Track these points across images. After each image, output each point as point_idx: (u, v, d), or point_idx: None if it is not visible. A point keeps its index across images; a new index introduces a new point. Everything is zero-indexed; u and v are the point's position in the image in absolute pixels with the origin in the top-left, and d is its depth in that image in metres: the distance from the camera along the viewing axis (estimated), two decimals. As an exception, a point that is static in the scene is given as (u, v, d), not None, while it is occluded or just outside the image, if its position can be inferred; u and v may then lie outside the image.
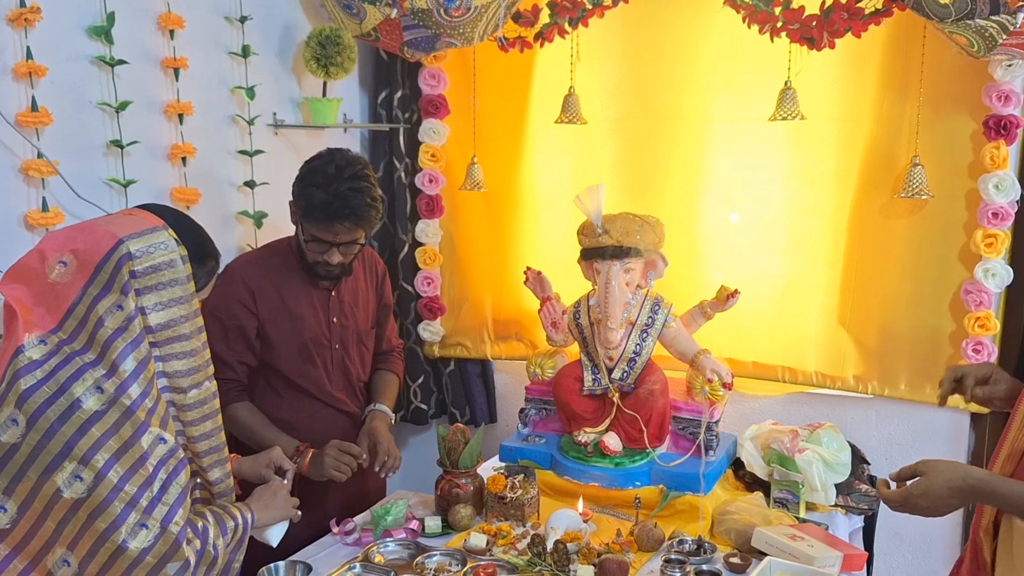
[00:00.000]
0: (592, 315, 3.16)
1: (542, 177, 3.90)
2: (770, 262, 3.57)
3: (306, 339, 3.05)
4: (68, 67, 2.76)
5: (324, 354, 3.11)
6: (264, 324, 3.01)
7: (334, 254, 2.93)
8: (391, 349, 3.41)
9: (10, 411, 1.93)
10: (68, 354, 1.96)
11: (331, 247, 2.92)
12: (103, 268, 1.96)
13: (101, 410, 1.92)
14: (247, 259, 3.16)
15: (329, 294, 3.10)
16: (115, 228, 2.00)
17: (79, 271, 1.98)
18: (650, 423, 3.08)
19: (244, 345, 3.00)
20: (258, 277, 3.02)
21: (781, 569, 2.54)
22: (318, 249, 2.94)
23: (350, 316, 3.15)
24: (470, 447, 2.96)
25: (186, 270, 2.03)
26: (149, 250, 1.99)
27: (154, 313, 2.00)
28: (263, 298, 3.00)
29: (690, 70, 3.55)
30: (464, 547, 2.73)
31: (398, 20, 3.42)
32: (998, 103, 3.09)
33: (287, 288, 3.03)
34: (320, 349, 3.09)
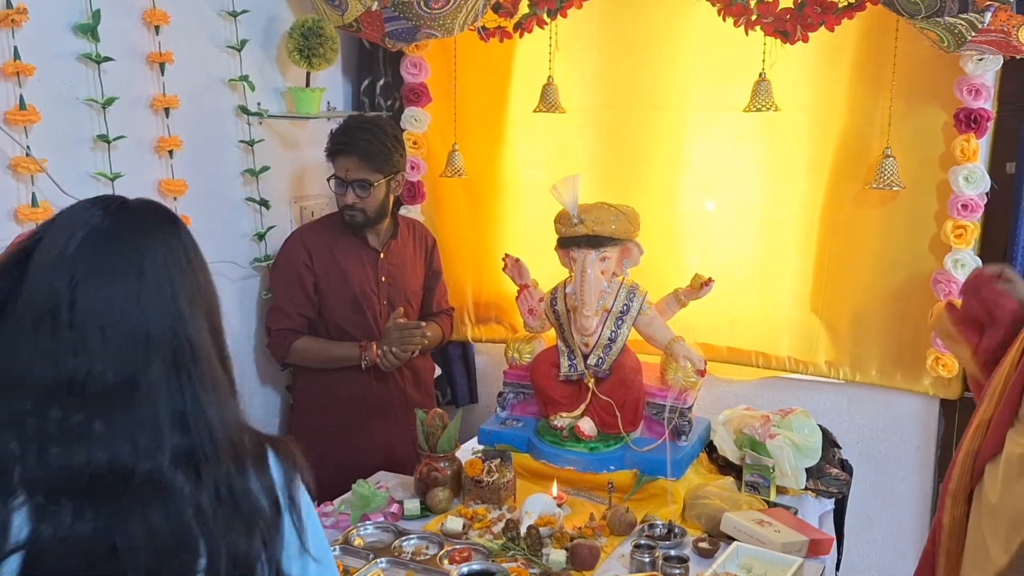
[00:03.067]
0: (568, 302, 3.22)
1: (521, 165, 3.97)
2: (744, 250, 3.64)
3: (355, 292, 3.46)
4: (55, 65, 2.81)
5: (372, 307, 3.50)
6: (319, 279, 3.43)
7: (349, 194, 3.33)
8: (440, 311, 3.78)
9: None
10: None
11: (347, 186, 3.32)
12: None
13: None
14: (308, 225, 3.65)
15: (378, 255, 3.51)
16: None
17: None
18: (624, 408, 3.14)
19: (304, 297, 3.46)
20: (314, 238, 3.48)
21: (748, 554, 2.62)
22: (339, 191, 3.37)
23: (398, 277, 3.55)
24: (448, 431, 3.03)
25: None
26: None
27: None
28: (318, 255, 3.44)
29: (667, 61, 3.60)
30: (441, 530, 2.80)
31: (379, 12, 3.47)
32: (969, 96, 3.15)
33: (339, 247, 3.45)
34: (368, 302, 3.49)
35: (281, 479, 1.45)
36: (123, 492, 1.29)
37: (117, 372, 1.31)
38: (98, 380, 1.30)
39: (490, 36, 3.66)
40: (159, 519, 1.30)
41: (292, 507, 1.44)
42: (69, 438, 1.28)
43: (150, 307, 1.35)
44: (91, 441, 1.29)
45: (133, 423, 1.31)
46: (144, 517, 1.29)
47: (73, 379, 1.30)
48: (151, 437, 1.31)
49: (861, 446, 3.60)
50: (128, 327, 1.33)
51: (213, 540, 1.34)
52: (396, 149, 3.39)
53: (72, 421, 1.29)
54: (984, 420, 2.08)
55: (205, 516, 1.33)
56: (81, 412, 1.29)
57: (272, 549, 1.40)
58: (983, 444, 2.08)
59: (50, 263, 1.34)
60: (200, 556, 1.33)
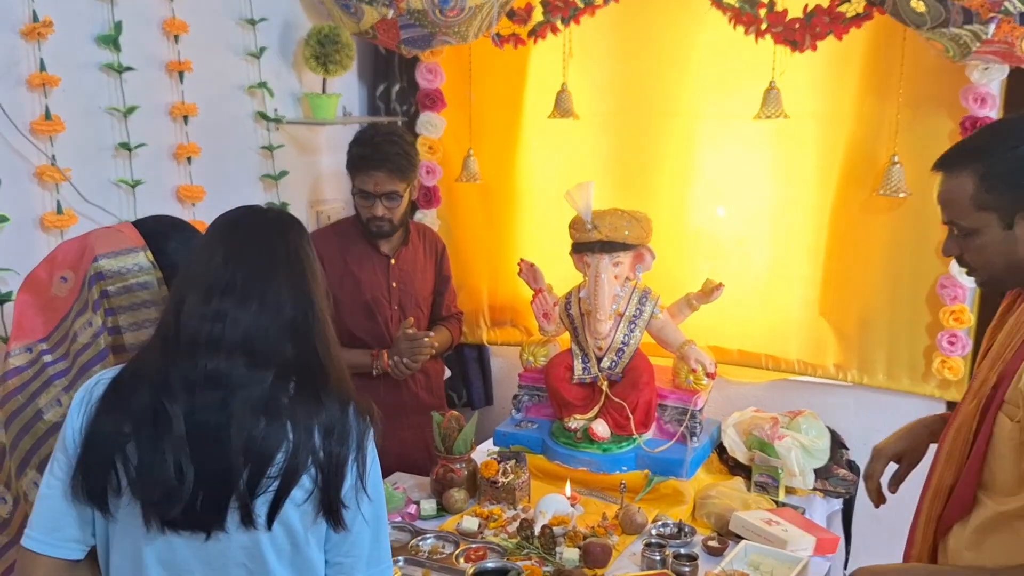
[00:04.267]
0: (582, 306, 3.28)
1: (536, 170, 4.02)
2: (754, 255, 3.69)
3: (367, 298, 3.46)
4: (78, 75, 2.88)
5: (384, 312, 3.50)
6: (331, 285, 3.36)
7: (378, 206, 3.33)
8: (450, 315, 3.76)
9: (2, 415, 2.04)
10: (44, 364, 2.03)
11: (375, 199, 3.32)
12: (84, 285, 2.03)
13: (59, 422, 1.93)
14: (319, 231, 3.63)
15: (389, 261, 3.50)
16: (98, 244, 2.06)
17: (73, 289, 2.05)
18: (636, 410, 3.20)
19: None
20: (326, 245, 3.37)
21: (756, 552, 2.68)
22: (365, 203, 3.36)
23: (408, 282, 3.54)
24: (464, 434, 3.08)
25: (161, 292, 2.07)
26: (121, 271, 2.04)
27: (128, 332, 2.05)
28: (330, 262, 3.37)
29: (678, 68, 3.66)
30: (457, 530, 2.85)
31: (395, 20, 3.53)
32: (975, 105, 3.19)
33: (350, 254, 3.46)
34: (380, 308, 3.49)
35: (355, 429, 1.79)
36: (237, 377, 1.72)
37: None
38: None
39: (504, 43, 3.72)
40: (259, 393, 1.72)
41: (359, 451, 1.79)
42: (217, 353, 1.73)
43: (287, 282, 1.79)
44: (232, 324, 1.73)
45: (256, 327, 1.75)
46: (248, 393, 1.72)
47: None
48: (269, 345, 1.75)
49: (868, 447, 3.61)
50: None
51: (297, 431, 1.73)
52: (417, 157, 3.44)
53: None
54: (944, 485, 2.04)
55: (294, 411, 1.74)
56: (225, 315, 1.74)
57: (338, 472, 1.76)
58: (945, 511, 2.06)
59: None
60: (285, 439, 1.71)
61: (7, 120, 2.66)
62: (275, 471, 1.70)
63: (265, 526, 1.73)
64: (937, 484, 2.05)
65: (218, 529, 1.72)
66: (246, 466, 1.69)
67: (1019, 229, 1.85)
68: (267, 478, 1.70)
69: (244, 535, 1.74)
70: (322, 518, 1.78)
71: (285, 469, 1.71)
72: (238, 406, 1.70)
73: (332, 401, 1.79)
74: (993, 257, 1.91)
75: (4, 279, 2.69)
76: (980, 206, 1.86)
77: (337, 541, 1.83)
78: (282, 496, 1.72)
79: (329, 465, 1.75)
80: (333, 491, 1.75)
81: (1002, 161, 1.83)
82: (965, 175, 1.87)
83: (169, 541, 1.74)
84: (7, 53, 2.67)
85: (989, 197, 1.85)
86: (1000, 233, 1.86)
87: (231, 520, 1.72)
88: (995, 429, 1.89)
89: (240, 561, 1.77)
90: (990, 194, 1.84)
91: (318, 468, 1.74)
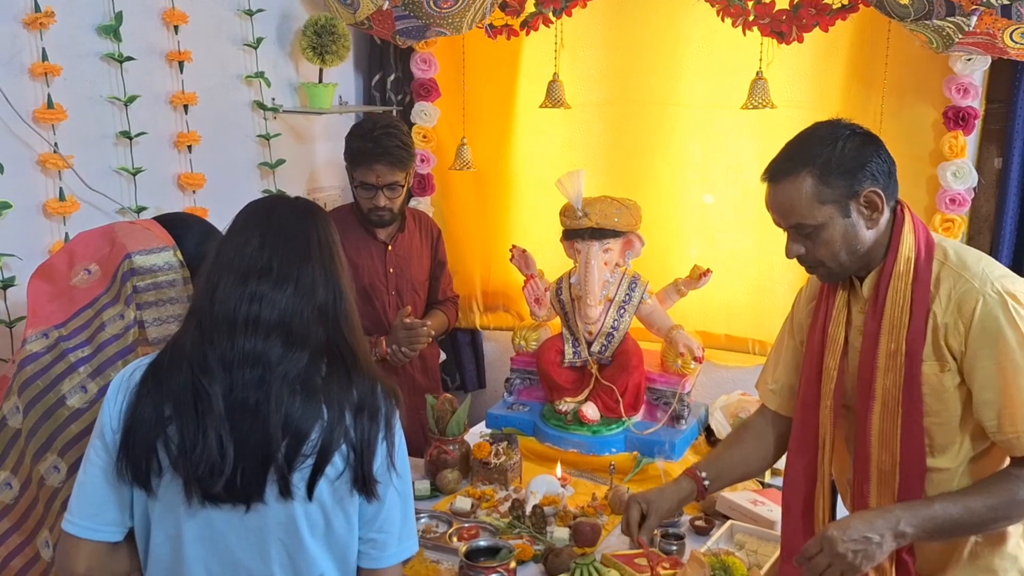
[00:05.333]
0: (573, 292, 3.35)
1: (528, 158, 4.08)
2: (742, 241, 3.75)
3: (365, 284, 3.47)
4: (80, 65, 2.93)
5: (382, 299, 3.53)
6: None
7: (380, 197, 3.36)
8: (446, 299, 3.79)
9: (15, 399, 2.08)
10: (63, 350, 2.07)
11: (376, 190, 3.34)
12: (115, 279, 2.10)
13: (82, 408, 2.04)
14: None
15: (386, 248, 3.52)
16: (128, 241, 2.13)
17: (99, 281, 2.11)
18: (626, 393, 3.27)
19: None
20: None
21: (742, 532, 2.75)
22: (366, 195, 3.38)
23: (405, 268, 3.57)
24: (457, 416, 3.14)
25: (187, 290, 2.16)
26: (152, 268, 2.12)
27: (152, 327, 2.12)
28: None
29: (668, 59, 3.72)
30: (450, 510, 2.92)
31: (390, 11, 3.59)
32: (957, 95, 3.26)
33: (348, 241, 3.37)
34: (378, 294, 3.52)
35: (384, 408, 1.87)
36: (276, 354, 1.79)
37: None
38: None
39: (497, 34, 3.77)
40: (295, 371, 1.79)
41: (388, 430, 1.87)
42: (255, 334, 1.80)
43: (320, 267, 1.86)
44: (267, 306, 1.80)
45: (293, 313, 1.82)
46: (285, 370, 1.78)
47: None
48: (304, 326, 1.82)
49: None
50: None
51: (331, 409, 1.80)
52: (414, 146, 3.47)
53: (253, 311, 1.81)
54: (885, 470, 2.13)
55: (328, 389, 1.81)
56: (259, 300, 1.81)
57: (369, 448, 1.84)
58: (900, 493, 2.12)
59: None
60: (320, 417, 1.79)
61: (10, 108, 2.71)
62: (310, 447, 1.77)
63: (303, 499, 1.80)
64: (878, 471, 2.13)
65: (258, 501, 1.78)
66: (284, 439, 1.76)
67: (855, 214, 2.06)
68: (302, 455, 1.77)
69: (281, 509, 1.80)
70: (355, 493, 1.84)
71: (320, 445, 1.78)
72: (276, 383, 1.77)
73: (362, 381, 1.86)
74: (839, 247, 2.09)
75: (8, 264, 2.74)
76: (821, 200, 2.05)
77: (371, 516, 1.89)
78: (318, 472, 1.78)
79: (361, 443, 1.82)
80: (366, 467, 1.82)
81: (830, 157, 2.04)
82: (801, 177, 2.07)
83: (208, 517, 1.80)
84: (10, 42, 2.72)
85: (827, 191, 2.05)
86: (842, 223, 2.06)
87: (270, 492, 1.78)
88: (927, 383, 2.05)
89: (277, 536, 1.83)
90: (828, 188, 2.04)
91: (350, 446, 1.81)
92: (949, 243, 2.14)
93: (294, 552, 1.84)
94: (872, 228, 2.08)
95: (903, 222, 2.11)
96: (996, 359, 1.97)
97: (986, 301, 1.98)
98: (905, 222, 2.11)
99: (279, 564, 1.84)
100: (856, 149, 2.06)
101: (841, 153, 2.05)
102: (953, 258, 2.06)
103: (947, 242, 2.14)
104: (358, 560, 1.91)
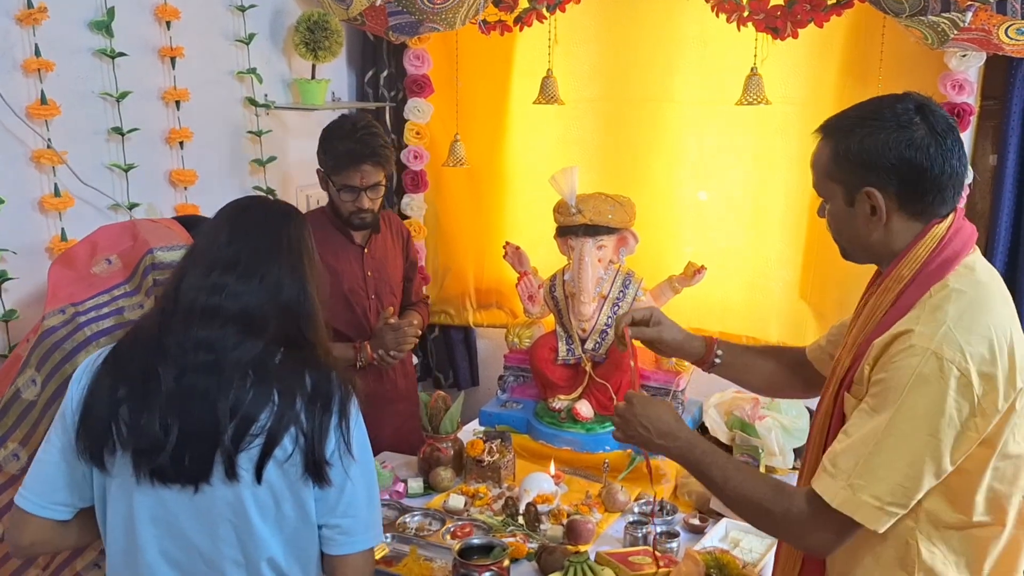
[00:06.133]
0: (566, 289, 3.34)
1: (522, 154, 4.07)
2: (736, 238, 3.74)
3: (345, 290, 3.39)
4: (72, 60, 2.91)
5: (362, 303, 3.44)
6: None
7: (364, 199, 3.26)
8: (419, 300, 3.75)
9: (31, 372, 2.17)
10: (79, 323, 2.16)
11: (360, 192, 3.24)
12: (136, 271, 2.20)
13: None
14: None
15: (363, 251, 3.43)
16: (151, 237, 2.24)
17: (119, 271, 2.22)
18: (620, 391, 3.25)
19: None
20: None
21: (735, 530, 2.75)
22: (350, 197, 3.26)
23: (382, 270, 3.49)
24: (450, 414, 3.14)
25: None
26: (172, 264, 2.21)
27: None
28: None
29: (662, 55, 3.70)
30: (444, 507, 2.91)
31: (383, 6, 3.58)
32: (952, 91, 3.24)
33: (325, 247, 3.25)
34: (358, 299, 3.43)
35: (338, 395, 1.91)
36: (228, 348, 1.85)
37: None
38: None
39: (491, 29, 3.75)
40: (249, 357, 1.85)
41: (342, 417, 1.91)
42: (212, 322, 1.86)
43: (288, 267, 1.94)
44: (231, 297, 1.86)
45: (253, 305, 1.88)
46: (238, 356, 1.84)
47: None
48: (264, 320, 1.88)
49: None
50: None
51: (282, 395, 1.85)
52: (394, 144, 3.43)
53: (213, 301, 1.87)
54: (811, 469, 1.93)
55: (281, 376, 1.87)
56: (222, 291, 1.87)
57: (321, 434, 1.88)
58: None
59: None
60: (271, 401, 1.84)
61: (3, 104, 2.70)
62: (258, 429, 1.83)
63: (250, 481, 1.84)
64: (808, 469, 2.00)
65: (204, 482, 1.84)
66: (231, 423, 1.82)
67: (858, 208, 1.89)
68: (250, 435, 1.82)
69: (229, 490, 1.84)
70: (307, 478, 1.88)
71: (268, 430, 1.83)
72: (228, 368, 1.83)
73: (316, 370, 1.92)
74: (840, 228, 1.97)
75: (4, 258, 2.73)
76: (831, 176, 1.92)
77: (332, 502, 1.92)
78: (266, 455, 1.83)
79: (312, 429, 1.86)
80: (317, 452, 1.86)
81: (853, 141, 1.86)
82: (826, 144, 1.93)
83: (160, 496, 1.86)
84: (3, 38, 2.71)
85: (837, 170, 1.90)
86: (843, 208, 1.92)
87: (216, 473, 1.83)
88: (845, 410, 1.89)
89: (227, 517, 1.87)
90: (838, 168, 1.90)
91: (300, 431, 1.86)
92: (964, 285, 1.82)
93: (243, 534, 1.89)
94: (873, 230, 1.89)
95: (922, 238, 1.86)
96: (878, 408, 1.76)
97: (914, 351, 1.73)
98: (924, 240, 1.86)
99: (229, 544, 1.90)
100: (884, 142, 1.82)
101: (863, 139, 1.84)
102: (935, 301, 1.80)
103: (964, 283, 1.82)
104: (325, 547, 1.96)
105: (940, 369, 1.70)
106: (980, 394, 1.71)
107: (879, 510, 1.74)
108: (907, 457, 1.72)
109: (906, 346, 1.74)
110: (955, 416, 1.71)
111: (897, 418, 1.72)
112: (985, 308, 1.80)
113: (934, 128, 1.83)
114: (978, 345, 1.73)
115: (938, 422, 1.70)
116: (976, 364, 1.71)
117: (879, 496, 1.73)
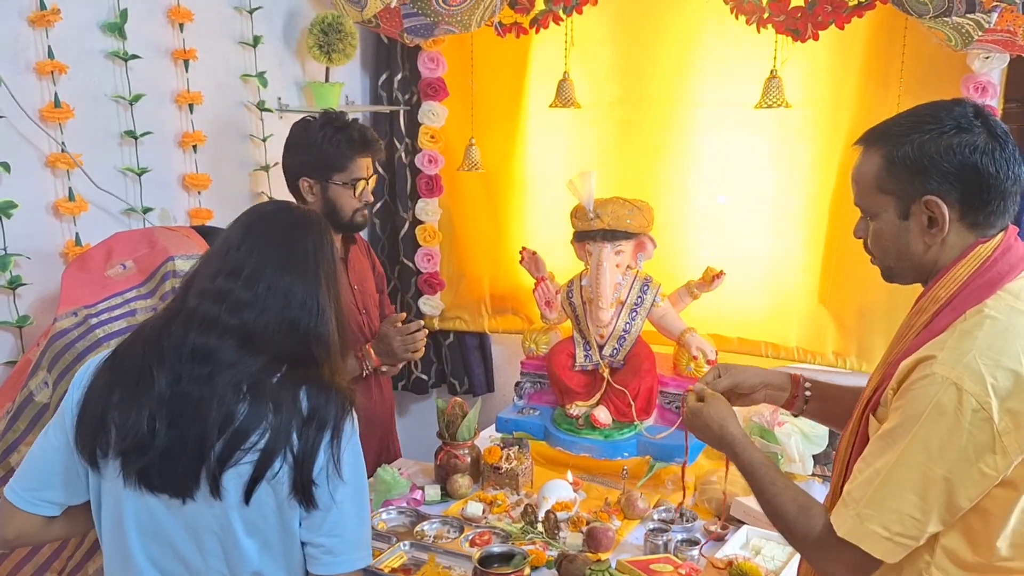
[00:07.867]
0: (584, 294, 3.31)
1: (538, 159, 4.03)
2: (755, 243, 3.69)
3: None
4: (85, 63, 2.90)
5: (356, 318, 3.25)
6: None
7: (366, 191, 3.10)
8: (387, 315, 3.50)
9: (43, 375, 2.17)
10: (91, 325, 2.18)
11: (365, 183, 3.07)
12: (153, 276, 2.18)
13: None
14: None
15: (346, 264, 3.24)
16: (171, 245, 2.25)
17: (133, 276, 2.23)
18: (638, 397, 3.22)
19: None
20: None
21: (757, 537, 2.71)
22: (356, 192, 3.06)
23: (363, 283, 3.34)
24: (467, 420, 3.12)
25: None
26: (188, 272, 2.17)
27: None
28: None
29: (680, 57, 3.66)
30: (461, 515, 2.89)
31: (398, 8, 3.55)
32: (975, 93, 3.19)
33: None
34: (352, 315, 3.21)
35: (335, 412, 1.86)
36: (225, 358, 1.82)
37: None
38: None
39: (506, 32, 3.71)
40: (245, 375, 1.82)
41: (335, 437, 1.85)
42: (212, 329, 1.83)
43: (299, 280, 1.88)
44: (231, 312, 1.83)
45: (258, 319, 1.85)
46: (235, 372, 1.81)
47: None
48: (267, 336, 1.84)
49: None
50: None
51: (278, 415, 1.81)
52: None
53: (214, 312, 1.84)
54: (836, 487, 1.89)
55: (279, 395, 1.82)
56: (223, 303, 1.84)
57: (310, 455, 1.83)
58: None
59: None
60: (264, 420, 1.80)
61: (16, 107, 2.68)
62: (248, 445, 1.79)
63: (237, 502, 1.82)
64: (833, 487, 1.95)
65: (189, 497, 1.82)
66: (220, 439, 1.79)
67: (914, 221, 1.77)
68: (241, 450, 1.79)
69: (216, 505, 1.83)
70: (293, 497, 1.84)
71: (262, 450, 1.80)
72: (223, 383, 1.80)
73: (315, 387, 1.87)
74: (888, 245, 1.84)
75: (18, 263, 2.70)
76: (882, 188, 1.80)
77: (319, 521, 1.88)
78: (258, 476, 1.80)
79: (303, 451, 1.82)
80: (305, 473, 1.82)
81: (910, 146, 1.75)
82: (874, 154, 1.81)
83: (147, 503, 1.85)
84: (14, 40, 2.69)
85: (891, 180, 1.78)
86: (895, 221, 1.79)
87: (202, 489, 1.81)
88: (869, 432, 1.81)
89: (212, 530, 1.86)
90: (892, 177, 1.77)
91: (290, 451, 1.82)
92: (1000, 312, 1.69)
93: (229, 548, 1.87)
94: (930, 244, 1.77)
95: (963, 257, 1.75)
96: (894, 435, 1.69)
97: (933, 380, 1.63)
98: (965, 260, 1.75)
99: (215, 556, 1.89)
100: (946, 145, 1.72)
101: (922, 144, 1.73)
102: (966, 326, 1.69)
103: (1000, 310, 1.70)
104: (309, 565, 1.93)
105: (959, 401, 1.60)
106: (1001, 430, 1.61)
107: (887, 540, 1.67)
108: (917, 489, 1.65)
109: (927, 373, 1.65)
110: (970, 452, 1.62)
111: (910, 448, 1.64)
112: (1019, 338, 1.66)
113: (995, 132, 1.74)
114: (1004, 378, 1.61)
115: (951, 456, 1.62)
116: (999, 399, 1.60)
117: (887, 526, 1.67)
